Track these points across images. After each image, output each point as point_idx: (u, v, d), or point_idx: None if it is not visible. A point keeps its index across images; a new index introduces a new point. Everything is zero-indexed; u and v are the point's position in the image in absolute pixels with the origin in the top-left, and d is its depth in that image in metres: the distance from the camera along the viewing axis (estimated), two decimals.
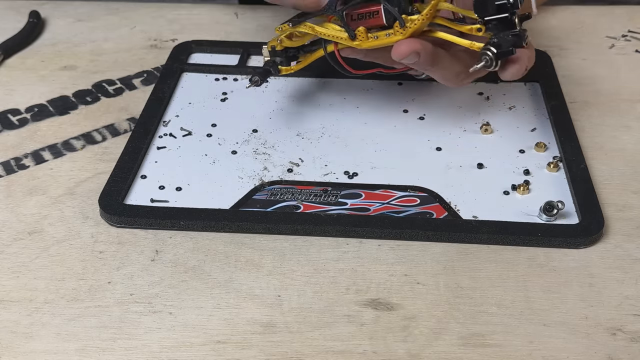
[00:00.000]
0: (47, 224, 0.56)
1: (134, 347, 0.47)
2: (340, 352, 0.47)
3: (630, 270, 0.52)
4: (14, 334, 0.48)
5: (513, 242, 0.54)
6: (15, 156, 0.62)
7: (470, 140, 0.63)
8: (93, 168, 0.61)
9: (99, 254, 0.53)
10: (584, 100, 0.68)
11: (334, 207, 0.56)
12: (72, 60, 0.75)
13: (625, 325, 0.48)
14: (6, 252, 0.54)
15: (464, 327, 0.48)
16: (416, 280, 0.51)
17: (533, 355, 0.47)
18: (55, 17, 0.82)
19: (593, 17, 0.81)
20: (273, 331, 0.48)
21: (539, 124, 0.65)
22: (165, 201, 0.57)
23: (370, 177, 0.59)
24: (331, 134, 0.64)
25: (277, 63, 0.62)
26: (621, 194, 0.58)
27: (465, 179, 0.59)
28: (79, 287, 0.51)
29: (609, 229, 0.55)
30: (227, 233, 0.55)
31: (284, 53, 0.62)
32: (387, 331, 0.48)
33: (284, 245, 0.54)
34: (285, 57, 0.62)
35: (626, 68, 0.73)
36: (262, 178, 0.59)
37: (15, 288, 0.51)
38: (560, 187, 0.58)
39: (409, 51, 0.55)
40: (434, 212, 0.56)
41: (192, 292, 0.51)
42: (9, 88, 0.71)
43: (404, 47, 0.55)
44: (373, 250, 0.54)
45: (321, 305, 0.50)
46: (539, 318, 0.49)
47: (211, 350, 0.47)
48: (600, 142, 0.63)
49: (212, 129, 0.64)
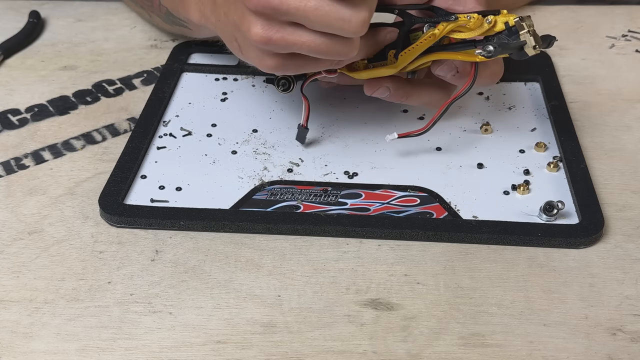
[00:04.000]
0: (47, 224, 0.56)
1: (134, 347, 0.47)
2: (340, 352, 0.47)
3: (630, 270, 0.52)
4: (14, 334, 0.48)
5: (513, 242, 0.54)
6: (15, 156, 0.62)
7: (470, 140, 0.63)
8: (93, 168, 0.61)
9: (99, 254, 0.53)
10: (584, 100, 0.68)
11: (334, 207, 0.56)
12: (72, 60, 0.75)
13: (625, 325, 0.48)
14: (6, 252, 0.54)
15: (464, 327, 0.48)
16: (416, 280, 0.51)
17: (533, 355, 0.47)
18: (55, 17, 0.82)
19: (593, 17, 0.81)
20: (273, 331, 0.48)
21: (539, 124, 0.65)
22: (165, 201, 0.57)
23: (370, 177, 0.59)
24: (331, 134, 0.64)
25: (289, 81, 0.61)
26: (621, 194, 0.58)
27: (465, 179, 0.59)
28: (79, 287, 0.51)
29: (609, 229, 0.55)
30: (227, 233, 0.55)
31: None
32: (387, 331, 0.48)
33: (284, 245, 0.54)
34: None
35: (626, 68, 0.73)
36: (262, 178, 0.59)
37: (15, 288, 0.51)
38: (560, 187, 0.58)
39: (378, 86, 0.58)
40: (434, 212, 0.56)
41: (192, 292, 0.51)
42: (9, 88, 0.71)
43: (373, 83, 0.58)
44: (373, 250, 0.54)
45: (321, 305, 0.50)
46: (539, 318, 0.49)
47: (211, 350, 0.47)
48: (600, 142, 0.63)
49: (212, 129, 0.64)
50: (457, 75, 0.57)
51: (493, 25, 0.52)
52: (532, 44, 0.52)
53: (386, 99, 0.59)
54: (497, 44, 0.52)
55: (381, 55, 0.57)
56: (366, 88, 0.59)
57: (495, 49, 0.52)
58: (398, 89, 0.58)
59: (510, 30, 0.52)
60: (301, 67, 0.54)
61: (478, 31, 0.53)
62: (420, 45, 0.54)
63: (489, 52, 0.52)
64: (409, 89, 0.59)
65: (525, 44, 0.52)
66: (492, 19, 0.52)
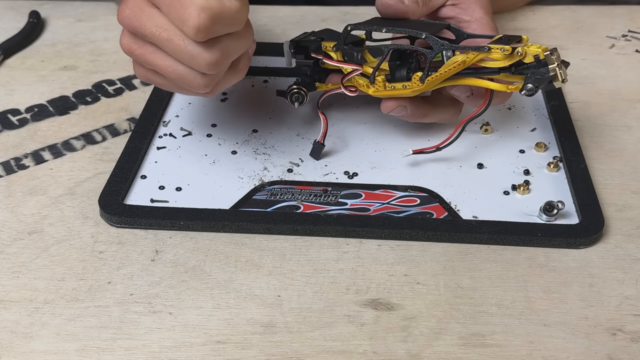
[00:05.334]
0: (47, 224, 0.56)
1: (134, 347, 0.47)
2: (340, 352, 0.47)
3: (630, 270, 0.52)
4: (14, 334, 0.48)
5: (513, 242, 0.54)
6: (15, 156, 0.62)
7: (470, 140, 0.63)
8: (93, 168, 0.61)
9: (99, 254, 0.53)
10: (584, 100, 0.68)
11: (334, 207, 0.56)
12: (72, 60, 0.75)
13: (625, 325, 0.48)
14: (6, 252, 0.54)
15: (464, 327, 0.48)
16: (416, 280, 0.51)
17: (533, 355, 0.47)
18: (55, 17, 0.82)
19: (593, 17, 0.81)
20: (273, 331, 0.48)
21: (539, 124, 0.65)
22: (165, 201, 0.57)
23: (370, 177, 0.59)
24: (331, 134, 0.64)
25: (307, 82, 0.61)
26: (621, 194, 0.58)
27: (465, 179, 0.59)
28: (79, 287, 0.51)
29: (609, 229, 0.55)
30: (227, 233, 0.55)
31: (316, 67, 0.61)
32: (387, 331, 0.48)
33: (284, 245, 0.54)
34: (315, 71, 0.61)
35: (626, 68, 0.73)
36: (262, 178, 0.59)
37: (15, 288, 0.51)
38: (560, 187, 0.58)
39: (396, 105, 0.58)
40: (434, 212, 0.56)
41: (192, 292, 0.51)
42: (9, 88, 0.71)
43: (391, 103, 0.58)
44: (373, 250, 0.54)
45: (321, 305, 0.50)
46: (539, 318, 0.49)
47: (211, 350, 0.47)
48: (600, 142, 0.63)
49: (212, 129, 0.64)
50: (471, 97, 0.58)
51: (523, 57, 0.53)
52: (560, 77, 0.53)
53: (402, 117, 0.60)
54: (534, 82, 0.53)
55: (399, 76, 0.57)
56: (383, 106, 0.59)
57: (535, 86, 0.53)
58: (417, 108, 0.59)
59: (540, 62, 0.53)
60: (165, 86, 0.55)
61: (507, 62, 0.54)
62: (448, 72, 0.55)
63: (530, 90, 0.53)
64: (427, 108, 0.59)
65: (555, 77, 0.53)
66: (523, 51, 0.53)
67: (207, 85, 0.52)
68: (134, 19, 0.51)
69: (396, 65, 0.57)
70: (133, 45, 0.52)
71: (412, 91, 0.57)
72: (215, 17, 0.48)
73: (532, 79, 0.53)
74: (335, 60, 0.59)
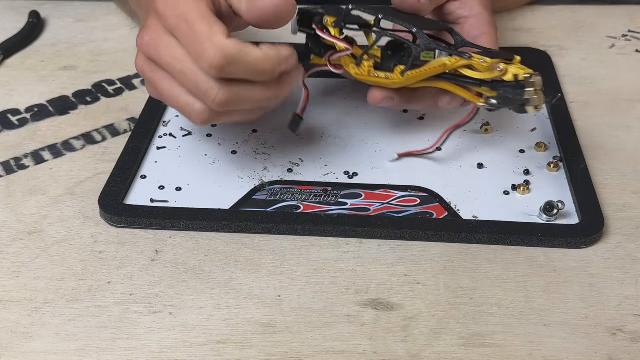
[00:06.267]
0: (47, 224, 0.56)
1: (133, 347, 0.47)
2: (340, 352, 0.47)
3: (630, 270, 0.52)
4: (14, 334, 0.48)
5: (513, 242, 0.54)
6: (15, 156, 0.62)
7: (470, 140, 0.63)
8: (93, 168, 0.61)
9: (99, 254, 0.53)
10: (584, 100, 0.68)
11: (334, 207, 0.56)
12: (72, 60, 0.75)
13: (625, 325, 0.48)
14: (6, 252, 0.54)
15: (464, 327, 0.48)
16: (416, 280, 0.51)
17: (533, 355, 0.47)
18: (55, 17, 0.82)
19: (593, 17, 0.81)
20: (273, 331, 0.48)
21: (539, 124, 0.65)
22: (165, 201, 0.57)
23: (370, 177, 0.59)
24: (331, 134, 0.64)
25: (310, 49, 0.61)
26: (621, 194, 0.58)
27: (465, 179, 0.59)
28: (79, 287, 0.51)
29: (609, 229, 0.55)
30: (227, 233, 0.55)
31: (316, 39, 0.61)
32: (387, 331, 0.48)
33: (284, 245, 0.54)
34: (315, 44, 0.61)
35: (626, 68, 0.73)
36: (262, 178, 0.59)
37: (15, 288, 0.51)
38: (560, 187, 0.58)
39: (383, 97, 0.58)
40: (434, 212, 0.56)
41: (192, 292, 0.51)
42: (9, 88, 0.71)
43: (377, 94, 0.58)
44: (373, 250, 0.54)
45: (321, 305, 0.50)
46: (539, 318, 0.49)
47: (211, 350, 0.47)
48: (600, 142, 0.63)
49: (212, 129, 0.64)
50: (464, 104, 0.59)
51: (503, 74, 0.53)
52: (534, 103, 0.53)
53: (391, 107, 0.60)
54: (500, 100, 0.53)
55: (386, 66, 0.57)
56: (370, 99, 0.59)
57: (499, 104, 0.53)
58: (402, 96, 0.59)
59: (518, 83, 0.53)
60: (172, 107, 0.56)
61: (487, 75, 0.54)
62: (429, 71, 0.55)
63: (492, 105, 0.54)
64: (411, 94, 0.59)
65: (528, 102, 0.53)
66: (504, 68, 0.53)
67: (205, 121, 0.53)
68: (152, 47, 0.52)
69: (388, 55, 0.57)
70: (146, 68, 0.54)
71: (392, 83, 0.57)
72: (230, 60, 0.49)
73: (502, 96, 0.53)
74: (329, 35, 0.58)
